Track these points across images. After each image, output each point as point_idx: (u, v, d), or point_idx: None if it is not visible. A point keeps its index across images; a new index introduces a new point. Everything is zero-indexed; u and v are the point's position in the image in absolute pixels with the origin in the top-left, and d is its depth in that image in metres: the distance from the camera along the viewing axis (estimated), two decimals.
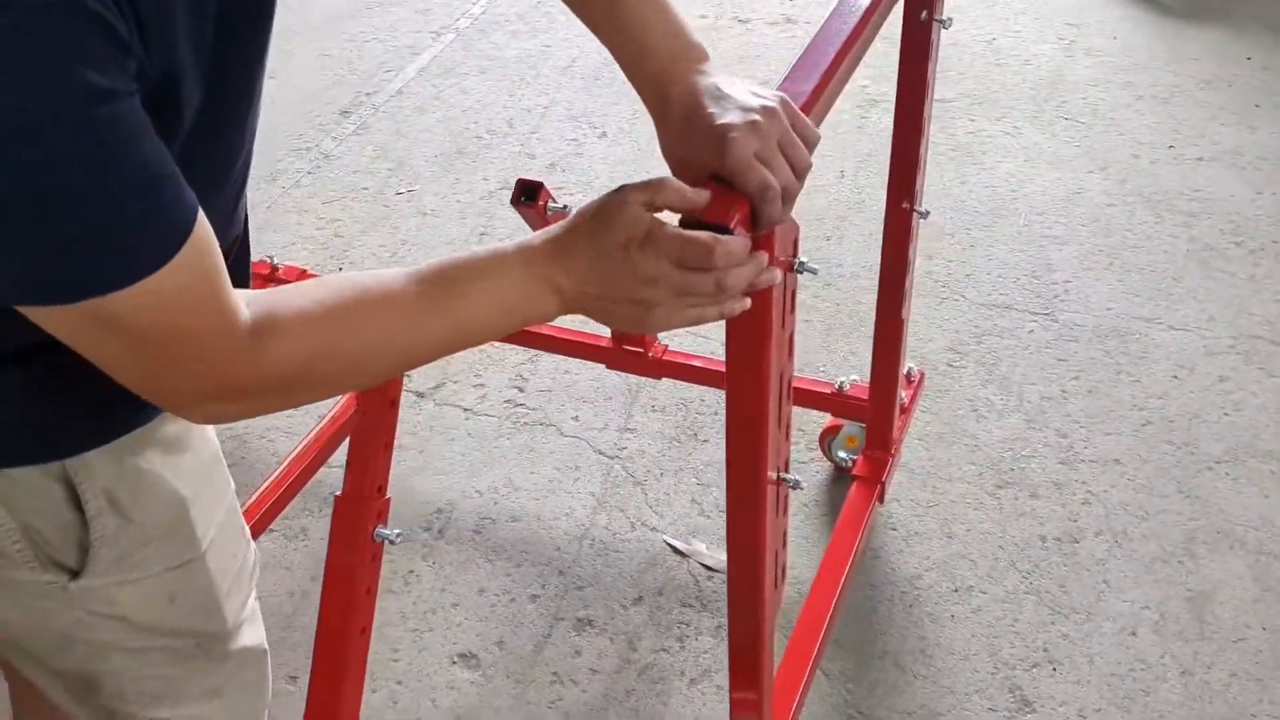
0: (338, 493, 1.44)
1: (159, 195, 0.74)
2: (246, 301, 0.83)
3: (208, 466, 1.07)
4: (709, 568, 1.95)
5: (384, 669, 1.82)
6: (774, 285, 0.96)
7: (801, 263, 1.07)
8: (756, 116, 0.92)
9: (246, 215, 1.03)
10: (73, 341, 0.79)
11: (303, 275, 2.25)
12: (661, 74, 0.97)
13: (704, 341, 2.25)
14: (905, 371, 1.99)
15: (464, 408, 2.26)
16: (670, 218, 0.91)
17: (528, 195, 1.63)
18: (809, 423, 2.16)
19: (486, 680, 1.81)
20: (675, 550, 1.98)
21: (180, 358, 0.81)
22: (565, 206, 1.65)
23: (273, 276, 2.25)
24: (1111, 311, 2.41)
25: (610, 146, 2.92)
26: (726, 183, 0.92)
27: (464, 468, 2.14)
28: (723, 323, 0.98)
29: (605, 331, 1.97)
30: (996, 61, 3.17)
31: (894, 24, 1.43)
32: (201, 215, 0.78)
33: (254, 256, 2.27)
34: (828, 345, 2.37)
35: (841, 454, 2.04)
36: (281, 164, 2.91)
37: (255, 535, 1.88)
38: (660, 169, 0.96)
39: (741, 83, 0.96)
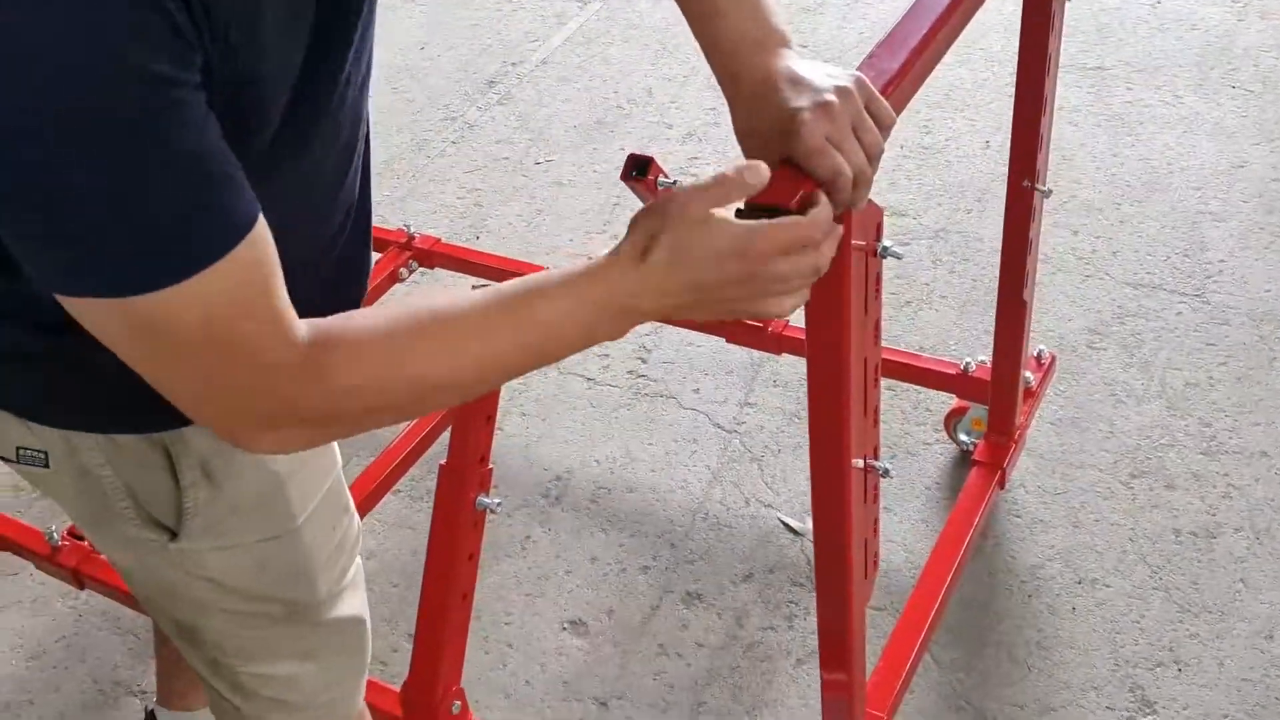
0: (443, 462, 1.47)
1: (211, 190, 0.72)
2: (307, 324, 0.80)
3: None
4: None
5: (497, 631, 1.87)
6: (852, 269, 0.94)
7: (885, 248, 1.04)
8: (830, 97, 0.89)
9: (368, 185, 1.03)
10: (116, 347, 0.76)
11: (436, 245, 2.30)
12: (736, 55, 0.96)
13: None
14: (1035, 354, 1.93)
15: (588, 377, 2.28)
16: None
17: (639, 170, 1.62)
18: (937, 404, 2.11)
19: (594, 648, 1.83)
20: (788, 528, 1.97)
21: (235, 368, 0.77)
22: (675, 182, 1.64)
23: (409, 245, 2.31)
24: (1270, 294, 2.27)
25: None
26: (798, 167, 0.90)
27: (584, 436, 2.16)
28: None
29: None
30: (1160, 26, 3.00)
31: None
32: (261, 220, 0.75)
33: (394, 224, 2.35)
34: (961, 323, 2.30)
35: (964, 437, 1.99)
36: (428, 134, 2.98)
37: (380, 496, 1.95)
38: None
39: (818, 65, 0.93)
